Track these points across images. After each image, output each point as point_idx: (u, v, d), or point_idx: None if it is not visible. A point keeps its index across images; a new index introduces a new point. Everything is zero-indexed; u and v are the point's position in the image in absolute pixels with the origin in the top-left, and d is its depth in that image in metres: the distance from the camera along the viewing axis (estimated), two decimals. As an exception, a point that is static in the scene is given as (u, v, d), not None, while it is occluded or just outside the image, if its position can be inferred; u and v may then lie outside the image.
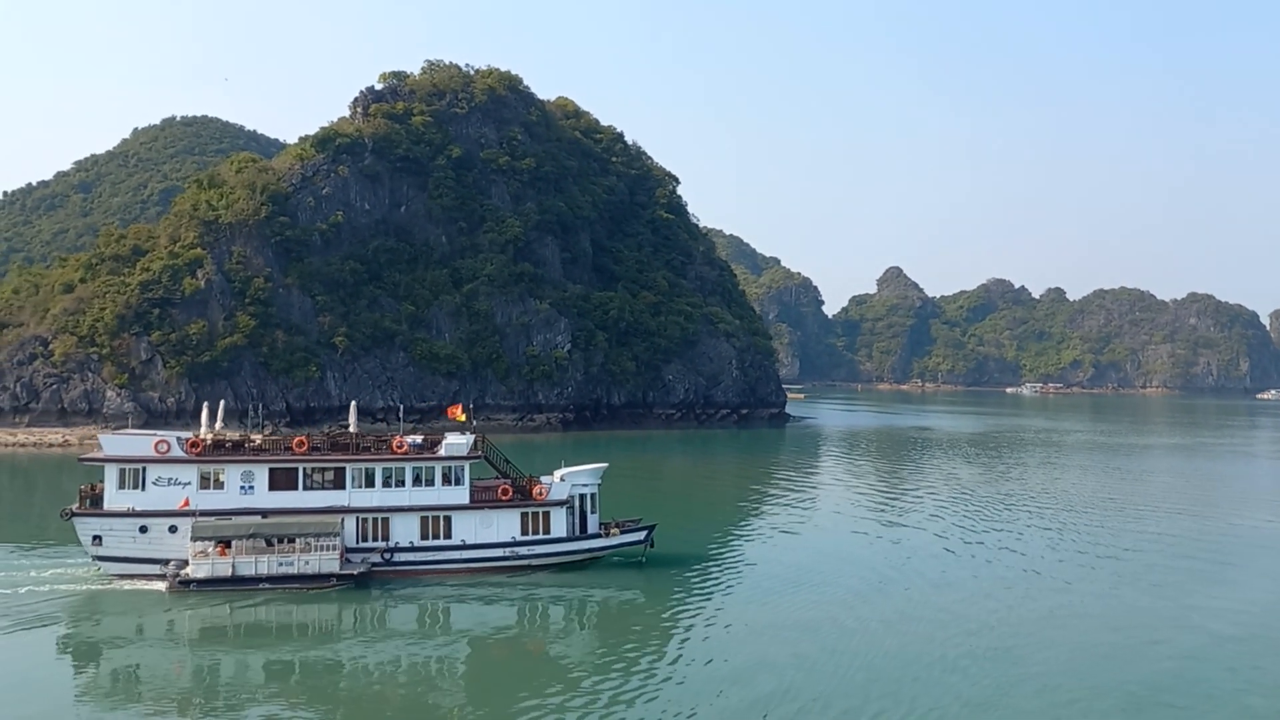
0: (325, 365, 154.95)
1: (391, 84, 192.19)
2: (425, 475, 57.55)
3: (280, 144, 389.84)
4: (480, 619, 49.56)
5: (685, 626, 47.92)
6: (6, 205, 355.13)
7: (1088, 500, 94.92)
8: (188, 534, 52.94)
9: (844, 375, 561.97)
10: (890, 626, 47.81)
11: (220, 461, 55.75)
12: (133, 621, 47.43)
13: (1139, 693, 39.51)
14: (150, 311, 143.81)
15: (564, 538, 58.73)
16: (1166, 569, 63.03)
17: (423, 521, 56.86)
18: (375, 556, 55.38)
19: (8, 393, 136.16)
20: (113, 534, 53.86)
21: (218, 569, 51.68)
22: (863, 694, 38.43)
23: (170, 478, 54.77)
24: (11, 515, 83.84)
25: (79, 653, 43.69)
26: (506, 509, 58.01)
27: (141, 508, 54.33)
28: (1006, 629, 47.89)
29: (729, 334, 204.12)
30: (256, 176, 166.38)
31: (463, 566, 56.76)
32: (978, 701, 38.05)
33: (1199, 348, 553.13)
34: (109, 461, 54.99)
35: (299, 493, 56.08)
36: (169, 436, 56.33)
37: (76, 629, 46.60)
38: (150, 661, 42.60)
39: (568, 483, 59.23)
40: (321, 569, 52.55)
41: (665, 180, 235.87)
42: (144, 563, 53.65)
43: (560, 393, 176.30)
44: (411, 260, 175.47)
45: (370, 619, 48.81)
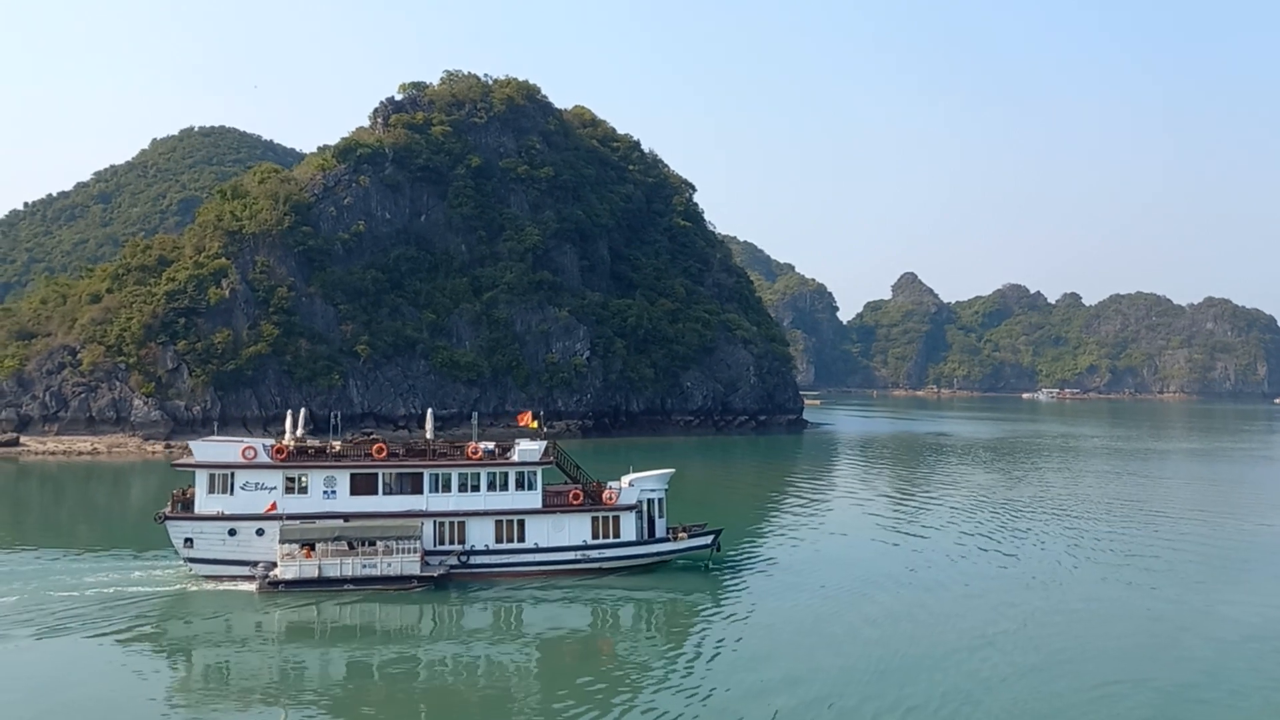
0: (348, 373, 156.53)
1: (411, 94, 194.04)
2: (499, 480, 58.88)
3: (297, 153, 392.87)
4: (553, 620, 50.64)
5: (749, 628, 48.60)
6: (28, 216, 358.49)
7: (1107, 504, 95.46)
8: (274, 537, 54.66)
9: (859, 381, 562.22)
10: (920, 627, 48.74)
11: (304, 467, 57.35)
12: (223, 621, 48.98)
13: (1167, 689, 40.36)
14: (176, 321, 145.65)
15: (633, 541, 59.79)
16: (1188, 571, 63.64)
17: (497, 525, 58.20)
18: (452, 559, 56.64)
19: (37, 401, 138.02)
20: (203, 537, 55.61)
21: (305, 570, 53.36)
22: (901, 694, 39.36)
23: (257, 483, 56.44)
24: (101, 520, 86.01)
25: (173, 651, 45.08)
26: (577, 513, 59.24)
27: (230, 511, 56.04)
28: (1032, 629, 48.68)
29: (747, 341, 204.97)
30: (279, 187, 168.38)
31: (535, 569, 58.05)
32: (1009, 699, 38.98)
33: (1216, 352, 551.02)
34: (199, 467, 56.81)
35: (379, 497, 57.56)
36: (256, 443, 58.09)
37: (170, 628, 48.02)
38: (240, 659, 43.96)
39: (636, 488, 60.37)
40: (404, 571, 54.05)
41: (682, 188, 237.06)
42: (233, 564, 55.28)
43: (579, 400, 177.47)
44: (432, 269, 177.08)
45: (449, 620, 50.17)
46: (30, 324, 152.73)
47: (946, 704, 38.18)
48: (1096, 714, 37.64)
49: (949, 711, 37.50)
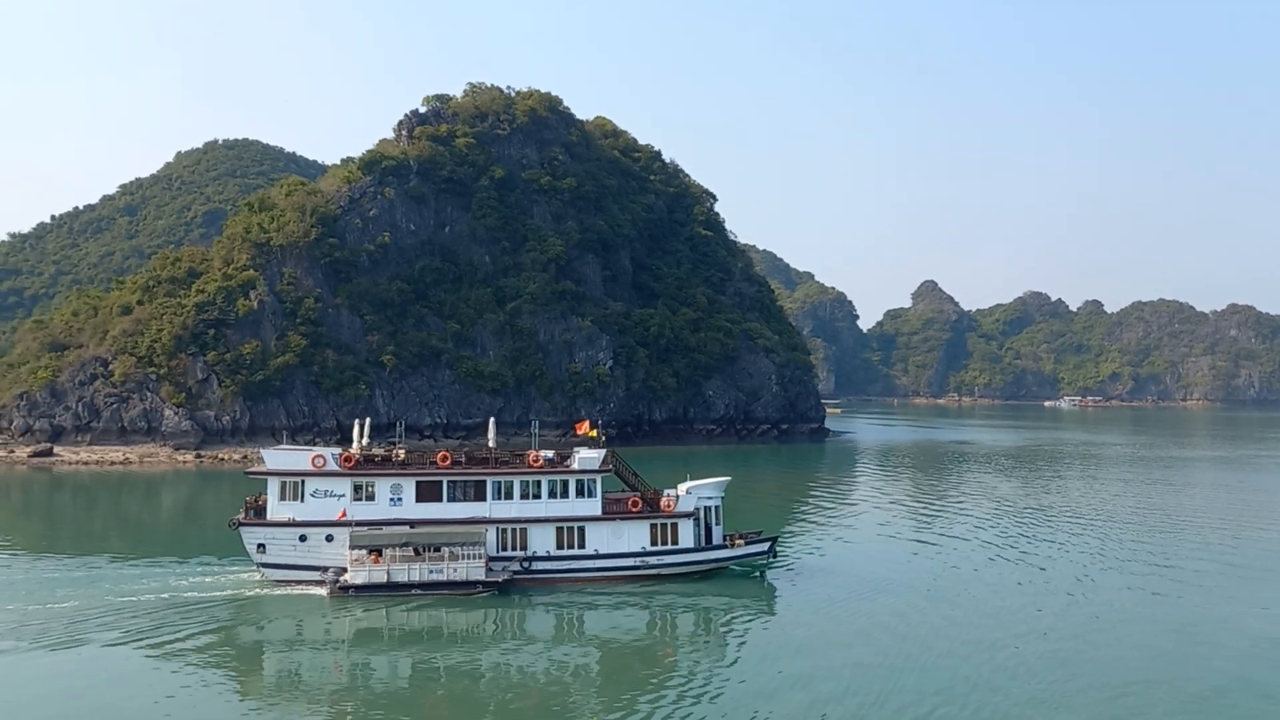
0: (374, 383, 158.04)
1: (435, 107, 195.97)
2: (560, 488, 60.04)
3: (319, 165, 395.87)
4: (613, 625, 51.58)
5: (805, 634, 49.22)
6: (55, 229, 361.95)
7: (1132, 511, 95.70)
8: (342, 543, 56.10)
9: (880, 390, 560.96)
10: (943, 633, 49.36)
11: (372, 475, 58.81)
12: (295, 624, 50.47)
13: (1199, 692, 40.95)
14: (206, 332, 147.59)
15: (691, 548, 60.65)
16: (1214, 577, 63.99)
17: (558, 532, 59.27)
18: (515, 565, 57.68)
19: (70, 412, 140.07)
20: (275, 542, 57.24)
21: (374, 576, 54.67)
22: (933, 697, 40.10)
23: (326, 490, 57.92)
24: (170, 527, 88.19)
25: (246, 652, 46.51)
26: (636, 520, 60.22)
27: (301, 518, 57.45)
28: (1057, 633, 49.30)
29: (768, 350, 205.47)
30: (306, 199, 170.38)
31: (596, 575, 59.03)
32: (1043, 701, 39.61)
33: (1240, 359, 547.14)
34: (271, 475, 58.46)
35: (443, 504, 58.88)
36: (325, 452, 59.39)
37: (244, 630, 49.55)
38: (312, 661, 45.25)
39: (694, 495, 61.27)
40: (469, 576, 55.27)
41: (703, 197, 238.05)
42: (303, 569, 56.88)
43: (603, 409, 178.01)
44: (456, 280, 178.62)
45: (512, 624, 51.22)
46: (62, 336, 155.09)
47: (940, 700, 39.21)
48: (1127, 715, 38.25)
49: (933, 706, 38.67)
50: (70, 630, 47.32)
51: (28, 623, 48.35)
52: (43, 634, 46.68)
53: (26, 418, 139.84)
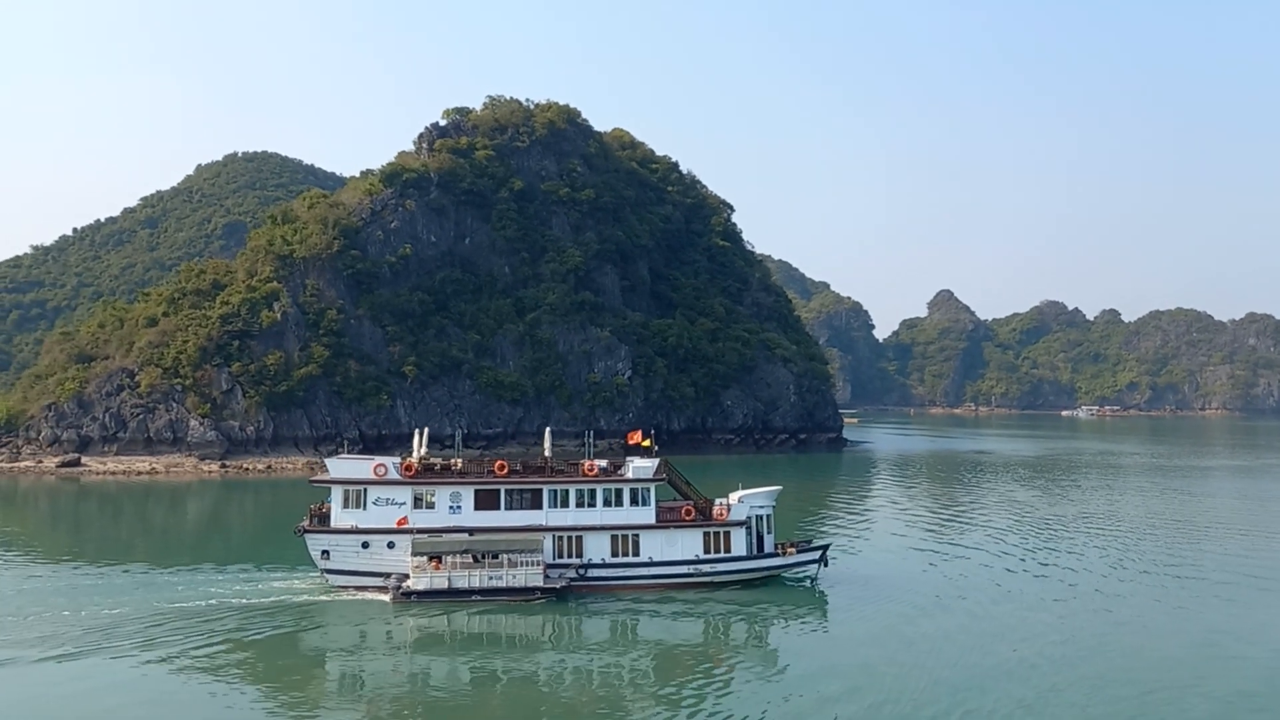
0: (395, 393, 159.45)
1: (455, 119, 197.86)
2: (614, 496, 60.93)
3: (338, 177, 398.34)
4: (667, 632, 52.27)
5: (857, 642, 49.81)
6: (77, 241, 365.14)
7: (1153, 521, 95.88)
8: (403, 549, 57.51)
9: (896, 400, 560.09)
10: (972, 638, 50.13)
11: (431, 483, 60.18)
12: (359, 629, 51.76)
13: (1228, 698, 41.54)
14: (230, 343, 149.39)
15: (743, 556, 61.38)
16: (1237, 588, 64.17)
17: (613, 540, 60.19)
18: (571, 572, 58.72)
19: (97, 423, 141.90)
20: (338, 549, 58.64)
21: (435, 582, 55.88)
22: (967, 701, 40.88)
23: (388, 498, 59.17)
24: (231, 535, 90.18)
25: (312, 656, 47.91)
26: (690, 528, 60.88)
27: (363, 525, 58.85)
28: (1080, 641, 49.98)
29: (786, 360, 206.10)
30: (328, 211, 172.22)
31: (650, 582, 59.88)
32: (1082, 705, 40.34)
33: (1259, 368, 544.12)
34: (335, 483, 59.86)
35: (501, 512, 59.99)
36: (386, 461, 60.80)
37: (310, 635, 50.84)
38: (375, 665, 46.54)
39: (746, 504, 61.98)
40: (528, 582, 56.39)
41: (720, 208, 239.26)
42: (366, 575, 58.29)
43: (621, 419, 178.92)
44: (476, 290, 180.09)
45: (569, 630, 52.30)
46: (88, 347, 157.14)
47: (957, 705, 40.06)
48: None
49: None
50: (145, 634, 48.69)
51: (109, 628, 49.73)
52: (132, 638, 48.08)
53: (54, 428, 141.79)
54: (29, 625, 50.08)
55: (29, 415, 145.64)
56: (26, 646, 46.40)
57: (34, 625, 50.05)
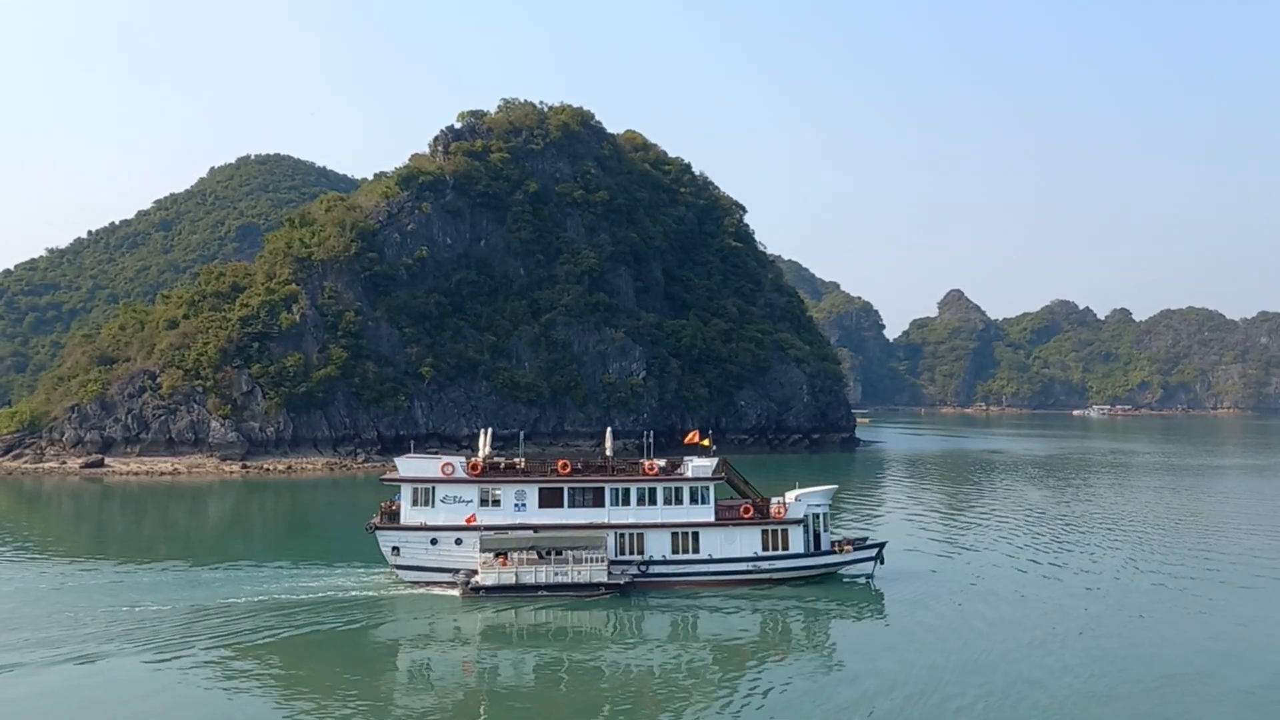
0: (413, 394, 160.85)
1: (470, 122, 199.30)
2: (674, 495, 62.06)
3: (349, 179, 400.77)
4: (727, 627, 53.26)
5: (915, 639, 50.34)
6: (92, 244, 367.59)
7: (1167, 518, 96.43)
8: (470, 546, 59.10)
9: (907, 399, 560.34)
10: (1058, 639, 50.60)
11: (497, 481, 61.75)
12: (428, 623, 53.22)
13: (1254, 691, 42.47)
14: (250, 345, 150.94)
15: (801, 554, 62.49)
16: (1262, 582, 64.97)
17: (673, 537, 61.35)
18: (633, 568, 59.97)
19: (120, 424, 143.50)
20: (408, 546, 60.35)
21: (503, 577, 57.38)
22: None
23: (455, 496, 60.77)
24: (303, 533, 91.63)
25: (384, 649, 49.37)
26: (748, 526, 62.00)
27: (432, 522, 60.44)
28: (1104, 636, 50.78)
29: (799, 360, 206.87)
30: (345, 215, 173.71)
31: (709, 579, 60.96)
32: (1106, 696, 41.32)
33: (1271, 367, 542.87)
34: (404, 482, 61.53)
35: (564, 510, 61.44)
36: (454, 460, 62.42)
37: (382, 628, 52.37)
38: (444, 658, 48.00)
39: (803, 502, 63.12)
40: (592, 578, 57.72)
41: (732, 209, 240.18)
42: (434, 571, 59.96)
43: (636, 419, 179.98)
44: (492, 292, 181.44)
45: (631, 624, 53.37)
46: (110, 349, 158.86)
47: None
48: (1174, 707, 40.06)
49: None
50: (223, 628, 50.36)
51: (190, 622, 51.48)
52: (212, 631, 49.81)
53: (78, 429, 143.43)
54: (118, 620, 51.64)
55: (52, 417, 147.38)
56: (120, 641, 47.97)
57: (135, 620, 51.63)
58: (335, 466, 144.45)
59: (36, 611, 53.27)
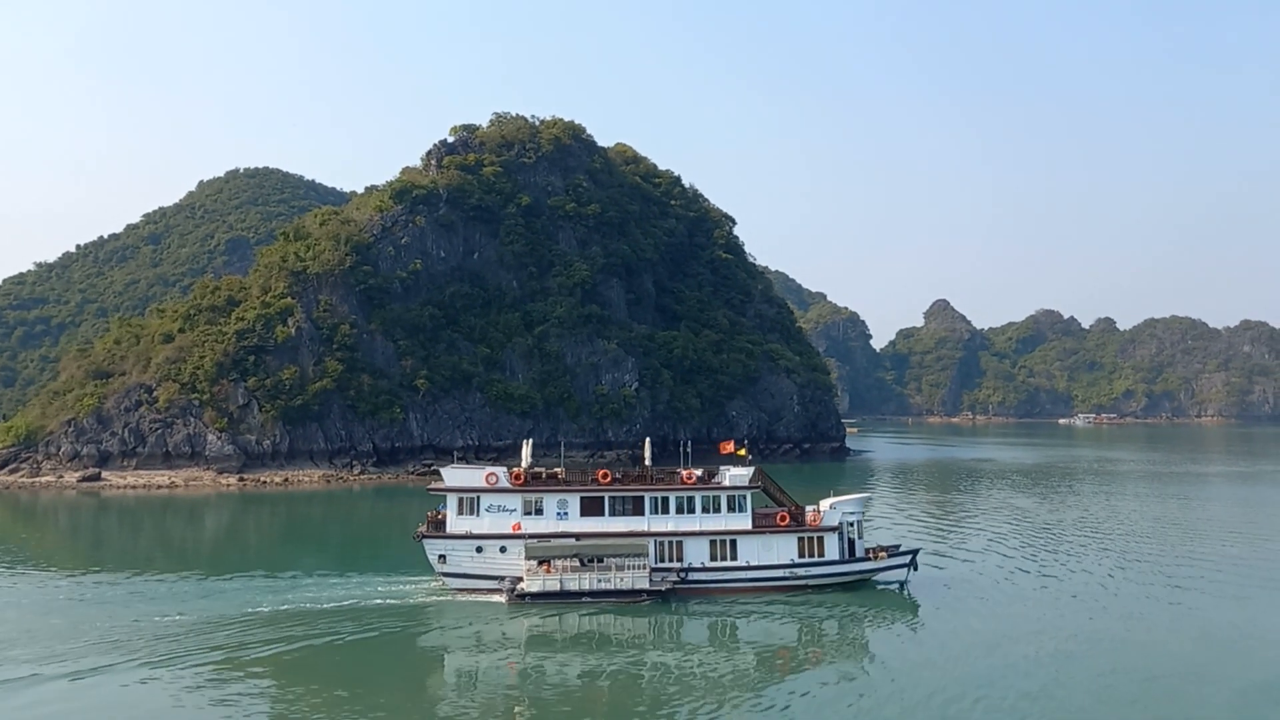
0: (408, 407, 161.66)
1: (463, 136, 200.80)
2: (712, 503, 63.58)
3: (338, 192, 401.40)
4: (765, 633, 54.62)
5: (940, 639, 52.04)
6: (80, 258, 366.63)
7: (1161, 525, 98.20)
8: (514, 553, 60.53)
9: (894, 409, 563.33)
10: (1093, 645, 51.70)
11: (540, 491, 63.22)
12: (475, 629, 54.49)
13: (1246, 688, 44.17)
14: (246, 358, 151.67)
15: (836, 560, 63.75)
16: (1246, 587, 66.42)
17: (711, 544, 62.64)
18: (673, 575, 61.22)
19: (116, 438, 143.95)
20: (454, 553, 61.77)
21: (548, 584, 58.87)
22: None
23: (499, 505, 62.33)
24: (350, 542, 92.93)
25: (432, 653, 51.04)
26: (785, 534, 63.41)
27: (477, 531, 62.02)
28: (1093, 639, 52.23)
29: (789, 370, 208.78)
30: (339, 228, 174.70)
31: (747, 585, 62.25)
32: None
33: (1254, 375, 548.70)
34: (450, 491, 63.07)
35: (605, 518, 62.89)
36: (497, 470, 63.72)
37: (428, 634, 53.91)
38: (493, 662, 49.15)
39: (838, 510, 64.43)
40: (635, 585, 59.17)
41: (722, 221, 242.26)
42: (479, 578, 61.30)
43: (629, 430, 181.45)
44: (485, 305, 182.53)
45: (671, 630, 54.71)
46: (105, 363, 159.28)
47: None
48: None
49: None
50: (273, 635, 51.76)
51: (243, 628, 52.98)
52: (266, 640, 51.08)
53: (74, 443, 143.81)
54: (147, 631, 52.75)
55: (48, 431, 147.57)
56: (162, 650, 49.07)
57: (170, 630, 52.82)
58: (332, 479, 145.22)
59: (61, 623, 54.07)
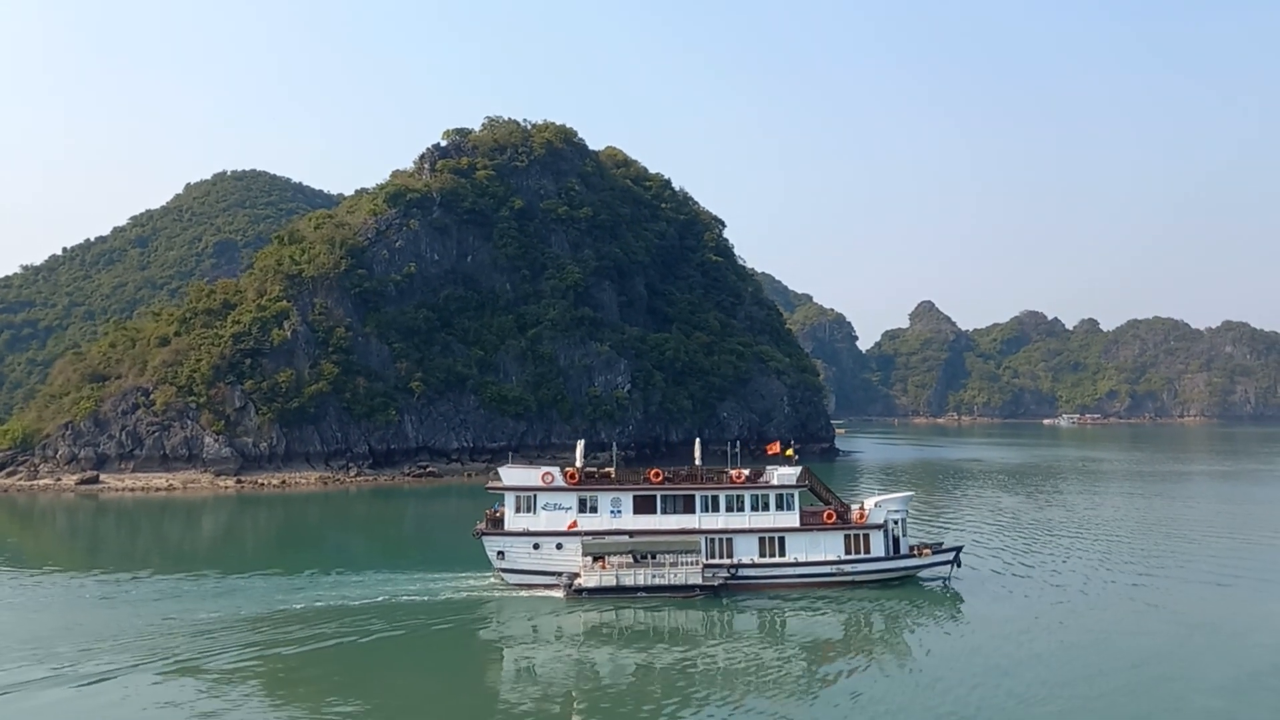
0: (403, 409, 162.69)
1: (455, 140, 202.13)
2: (761, 501, 65.31)
3: (325, 194, 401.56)
4: (813, 626, 56.26)
5: (985, 635, 53.22)
6: (67, 261, 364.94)
7: (1152, 521, 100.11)
8: (569, 550, 62.46)
9: (880, 410, 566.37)
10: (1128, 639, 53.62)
11: (595, 489, 65.25)
12: (532, 622, 56.39)
13: (1239, 679, 45.73)
14: (243, 361, 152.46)
15: (881, 557, 65.34)
16: (1233, 580, 68.32)
17: (760, 542, 64.41)
18: (724, 571, 62.86)
19: (114, 440, 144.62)
20: (512, 550, 63.93)
21: (604, 580, 60.65)
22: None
23: (555, 503, 64.23)
24: (406, 540, 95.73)
25: (492, 645, 52.92)
26: (832, 531, 65.11)
27: (534, 528, 63.99)
28: (1173, 637, 53.54)
29: (779, 371, 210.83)
30: (334, 232, 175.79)
31: (795, 581, 63.97)
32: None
33: (1236, 376, 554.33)
34: (508, 490, 65.02)
35: (657, 516, 64.73)
36: (552, 469, 65.67)
37: (489, 627, 55.75)
38: (552, 654, 50.78)
39: (883, 508, 66.14)
40: (688, 580, 60.86)
41: (712, 224, 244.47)
42: (536, 574, 63.41)
43: (621, 431, 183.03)
44: (479, 307, 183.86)
45: (723, 624, 56.11)
46: (100, 367, 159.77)
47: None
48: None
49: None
50: (344, 626, 53.70)
51: (311, 622, 54.76)
52: (337, 631, 52.90)
53: (71, 446, 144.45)
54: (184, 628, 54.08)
55: (44, 434, 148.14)
56: (215, 644, 50.55)
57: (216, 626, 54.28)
58: (328, 480, 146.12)
59: (95, 622, 55.22)
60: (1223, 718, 40.90)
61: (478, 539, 64.78)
